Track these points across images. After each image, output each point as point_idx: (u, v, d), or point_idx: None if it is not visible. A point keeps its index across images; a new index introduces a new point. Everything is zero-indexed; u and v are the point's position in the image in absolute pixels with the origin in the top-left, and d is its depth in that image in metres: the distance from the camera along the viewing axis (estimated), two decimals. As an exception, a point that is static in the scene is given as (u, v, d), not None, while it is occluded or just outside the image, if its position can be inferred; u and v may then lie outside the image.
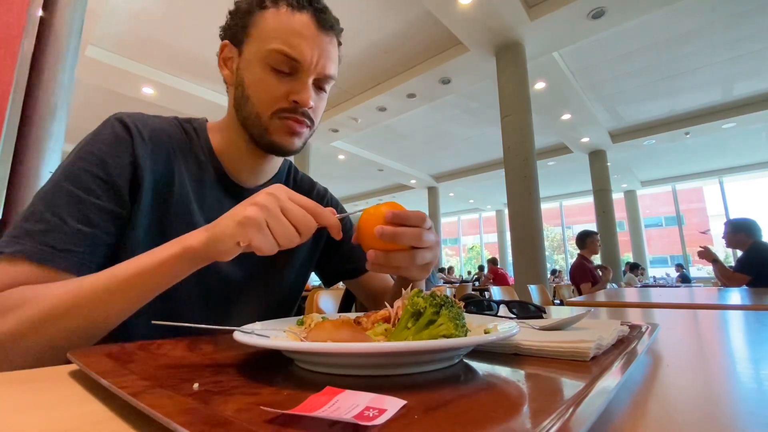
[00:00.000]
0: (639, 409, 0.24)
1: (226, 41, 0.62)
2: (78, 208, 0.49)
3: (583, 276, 3.51)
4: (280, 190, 0.45)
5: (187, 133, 0.63)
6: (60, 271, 0.47)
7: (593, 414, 0.19)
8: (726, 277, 2.77)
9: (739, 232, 2.86)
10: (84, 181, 0.50)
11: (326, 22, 0.59)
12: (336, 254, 0.78)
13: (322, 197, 0.80)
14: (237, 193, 0.65)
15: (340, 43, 0.64)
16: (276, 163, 0.70)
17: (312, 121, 0.62)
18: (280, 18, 0.56)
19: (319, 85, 0.61)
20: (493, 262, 8.22)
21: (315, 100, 0.60)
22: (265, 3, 0.57)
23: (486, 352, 0.39)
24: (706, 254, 2.87)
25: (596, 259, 3.81)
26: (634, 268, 7.74)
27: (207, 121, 0.67)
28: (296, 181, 0.77)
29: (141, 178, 0.54)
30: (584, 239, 3.62)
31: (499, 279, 7.15)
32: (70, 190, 0.49)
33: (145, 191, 0.54)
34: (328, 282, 0.83)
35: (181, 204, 0.58)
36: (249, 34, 0.58)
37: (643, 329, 0.45)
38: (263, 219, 0.42)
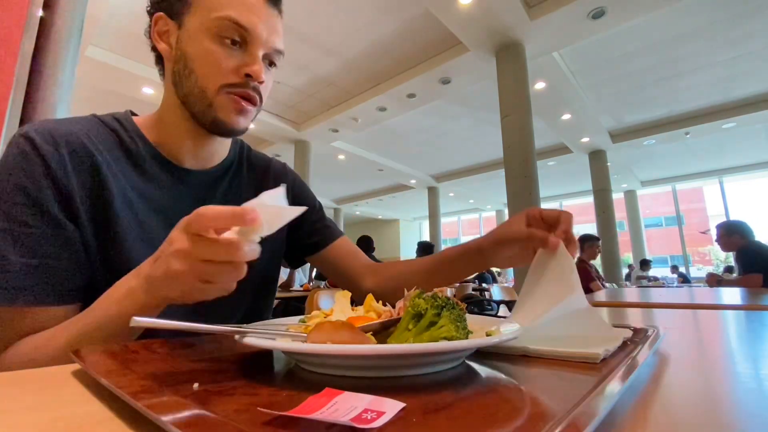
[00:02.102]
0: (640, 410, 0.24)
1: (161, 14, 0.56)
2: (16, 244, 0.45)
3: (587, 279, 3.52)
4: (186, 226, 0.37)
5: (111, 128, 0.57)
6: (23, 308, 0.45)
7: (595, 419, 0.19)
8: (738, 283, 2.79)
9: (734, 233, 2.90)
10: (10, 213, 0.46)
11: None
12: (299, 230, 0.74)
13: (282, 174, 0.75)
14: (183, 177, 0.60)
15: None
16: (225, 144, 0.66)
17: (261, 99, 0.58)
18: None
19: (270, 60, 0.58)
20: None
21: (266, 76, 0.56)
22: None
23: (491, 353, 0.39)
24: (711, 281, 3.00)
25: (596, 262, 3.84)
26: (644, 264, 7.89)
27: (131, 112, 0.63)
28: (249, 160, 0.72)
29: (68, 190, 0.49)
30: (583, 244, 3.64)
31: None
32: (1, 228, 0.45)
33: (80, 202, 0.50)
34: (293, 263, 0.79)
35: (123, 204, 0.53)
36: (191, 3, 0.54)
37: (649, 333, 0.45)
38: (190, 276, 0.37)
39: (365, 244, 4.12)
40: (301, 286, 4.47)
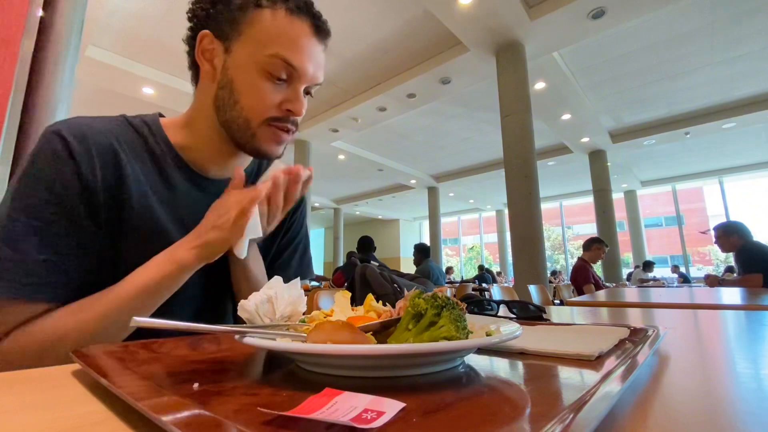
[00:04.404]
0: (640, 410, 0.24)
1: (207, 32, 0.56)
2: (37, 239, 0.47)
3: (586, 278, 3.53)
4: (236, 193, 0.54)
5: (138, 131, 0.58)
6: (36, 303, 0.47)
7: (595, 419, 0.19)
8: (738, 283, 2.79)
9: (732, 234, 2.91)
10: (36, 209, 0.47)
11: (324, 32, 0.58)
12: (275, 251, 0.75)
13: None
14: (205, 185, 0.62)
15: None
16: (247, 157, 0.67)
17: (296, 128, 0.61)
18: (279, 22, 0.54)
19: (307, 91, 0.60)
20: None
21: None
22: (261, 1, 0.54)
23: (490, 351, 0.39)
24: (712, 282, 2.99)
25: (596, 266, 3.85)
26: (647, 266, 7.92)
27: (159, 115, 0.64)
28: (265, 165, 0.75)
29: (93, 190, 0.51)
30: (590, 244, 3.65)
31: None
32: (24, 222, 0.46)
33: (102, 201, 0.52)
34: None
35: (140, 206, 0.55)
36: (242, 32, 0.54)
37: (649, 333, 0.45)
38: (249, 212, 0.51)
39: (366, 244, 4.11)
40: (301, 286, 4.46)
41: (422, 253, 4.41)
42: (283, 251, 0.75)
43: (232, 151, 0.62)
